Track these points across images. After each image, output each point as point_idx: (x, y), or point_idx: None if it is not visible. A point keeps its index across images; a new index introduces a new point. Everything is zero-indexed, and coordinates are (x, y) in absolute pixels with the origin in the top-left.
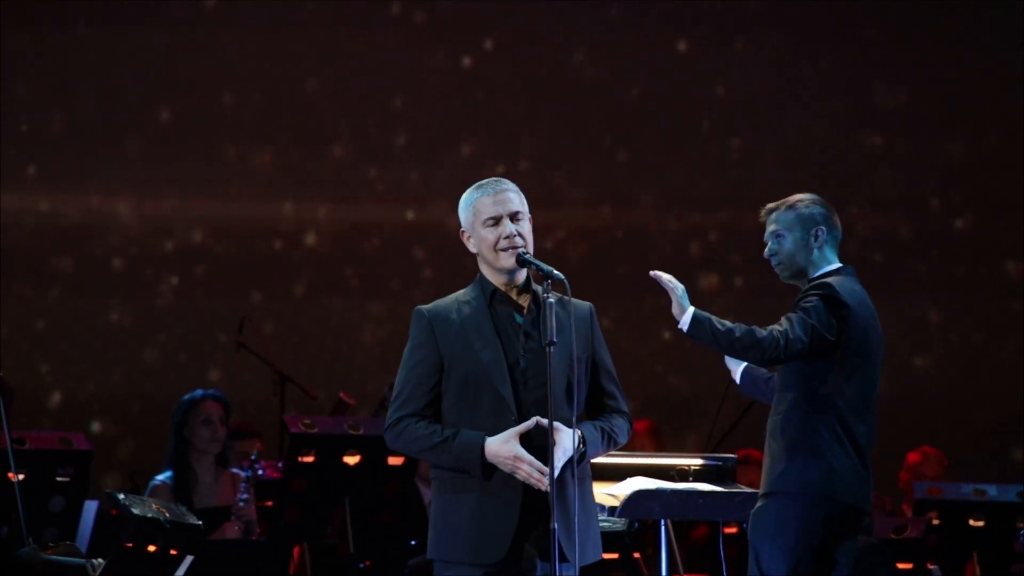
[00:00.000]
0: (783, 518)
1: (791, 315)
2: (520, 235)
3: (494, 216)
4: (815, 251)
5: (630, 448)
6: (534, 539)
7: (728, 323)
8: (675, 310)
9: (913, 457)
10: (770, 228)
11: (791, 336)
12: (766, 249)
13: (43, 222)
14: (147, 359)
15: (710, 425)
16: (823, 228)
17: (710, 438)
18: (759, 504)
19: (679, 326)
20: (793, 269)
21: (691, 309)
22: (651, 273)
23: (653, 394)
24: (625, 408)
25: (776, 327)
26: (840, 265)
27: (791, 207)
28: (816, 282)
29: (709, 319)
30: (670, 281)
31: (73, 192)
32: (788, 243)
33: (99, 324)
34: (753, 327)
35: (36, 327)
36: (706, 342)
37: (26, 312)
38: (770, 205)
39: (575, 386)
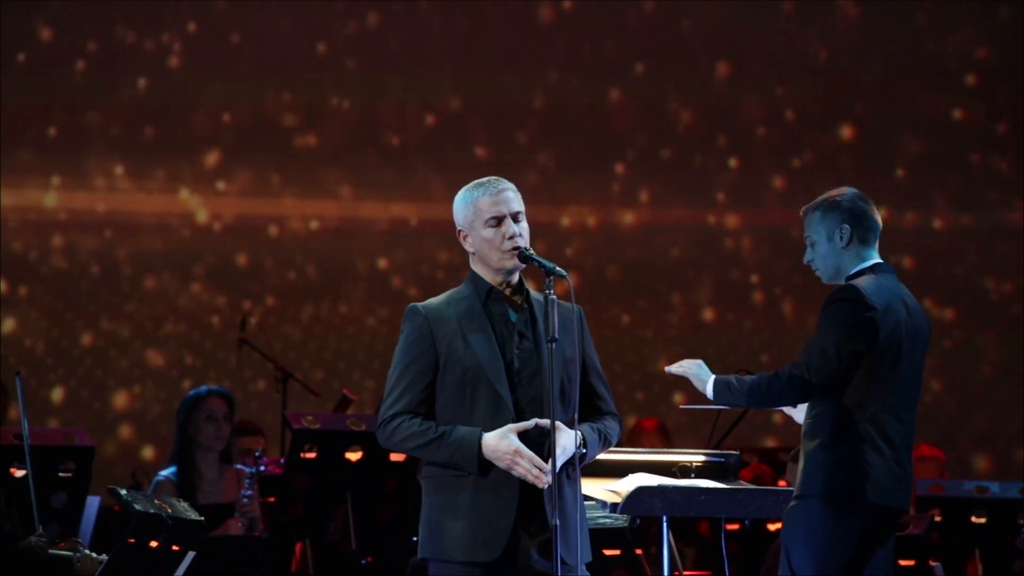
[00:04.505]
0: (813, 521)
1: (810, 343)
2: (521, 235)
3: (496, 216)
4: (843, 251)
5: (638, 445)
6: (530, 537)
7: (747, 378)
8: (698, 387)
9: None
10: (805, 234)
11: (812, 371)
12: (805, 256)
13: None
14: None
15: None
16: (847, 226)
17: (712, 435)
18: (792, 505)
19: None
20: (828, 273)
21: (711, 379)
22: (666, 369)
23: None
24: (614, 409)
25: (797, 361)
26: (874, 263)
27: (818, 208)
28: (841, 286)
29: (728, 382)
30: (680, 368)
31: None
32: (819, 247)
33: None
34: (772, 374)
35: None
36: (737, 403)
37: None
38: (805, 207)
39: (572, 384)
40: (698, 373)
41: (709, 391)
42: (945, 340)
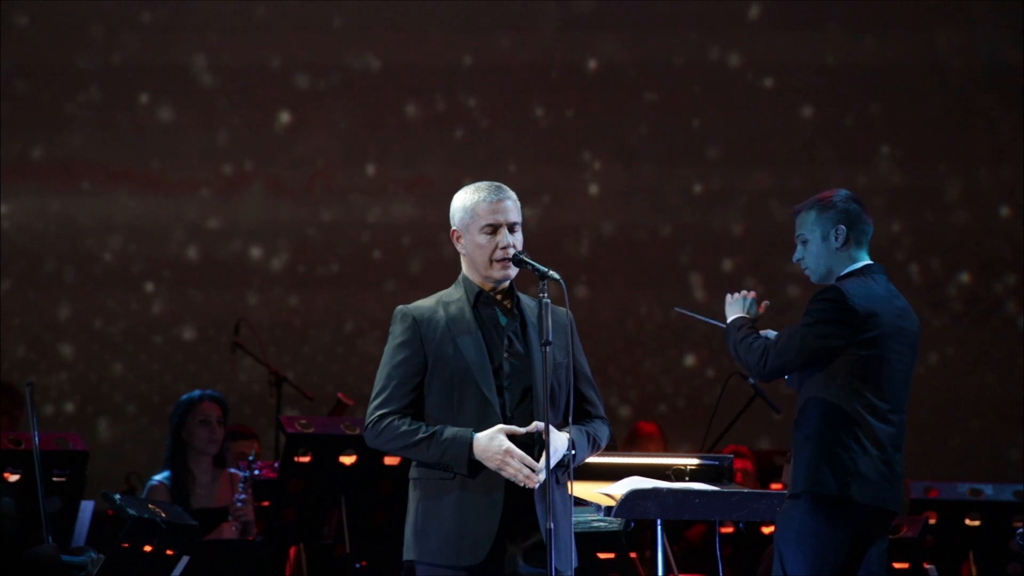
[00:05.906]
0: (805, 522)
1: (786, 329)
2: (515, 246)
3: (492, 224)
4: (837, 251)
5: (637, 447)
6: (516, 542)
7: (757, 334)
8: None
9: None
10: (797, 232)
11: (772, 353)
12: (794, 254)
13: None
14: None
15: (706, 424)
16: (843, 227)
17: (706, 438)
18: (784, 506)
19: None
20: (819, 273)
21: (733, 317)
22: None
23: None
24: (603, 413)
25: (774, 339)
26: (864, 264)
27: (812, 207)
28: (827, 286)
29: (740, 326)
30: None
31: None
32: (811, 247)
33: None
34: (757, 335)
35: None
36: (726, 335)
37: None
38: (797, 206)
39: (561, 389)
40: (734, 304)
41: (728, 319)
42: (943, 342)
